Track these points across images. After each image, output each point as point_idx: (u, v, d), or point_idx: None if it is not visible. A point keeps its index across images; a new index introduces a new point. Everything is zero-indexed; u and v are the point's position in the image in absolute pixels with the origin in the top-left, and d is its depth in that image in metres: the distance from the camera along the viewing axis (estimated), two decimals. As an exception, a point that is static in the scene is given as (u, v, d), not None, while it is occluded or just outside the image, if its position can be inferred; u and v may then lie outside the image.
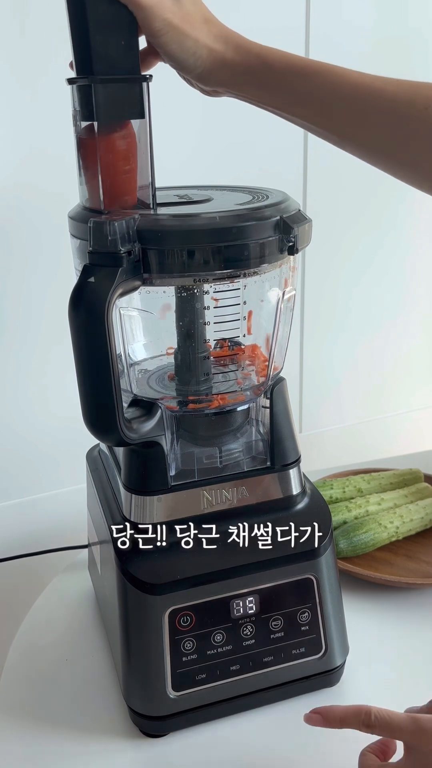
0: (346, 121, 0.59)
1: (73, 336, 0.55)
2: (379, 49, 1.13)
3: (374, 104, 0.57)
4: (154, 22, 0.56)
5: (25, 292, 1.00)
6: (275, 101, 0.60)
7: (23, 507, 1.08)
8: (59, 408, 1.05)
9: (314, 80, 0.58)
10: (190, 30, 0.57)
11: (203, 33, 0.58)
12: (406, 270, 1.33)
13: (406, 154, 0.59)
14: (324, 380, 1.32)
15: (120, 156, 0.59)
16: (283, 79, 0.58)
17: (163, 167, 0.64)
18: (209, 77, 0.60)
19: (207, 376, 0.69)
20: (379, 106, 0.57)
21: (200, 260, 0.58)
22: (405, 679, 0.73)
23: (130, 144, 0.60)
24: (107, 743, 0.66)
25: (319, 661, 0.69)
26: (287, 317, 0.69)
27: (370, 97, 0.57)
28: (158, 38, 0.57)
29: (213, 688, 0.65)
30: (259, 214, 0.60)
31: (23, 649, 0.79)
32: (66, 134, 0.65)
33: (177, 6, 0.57)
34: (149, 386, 0.70)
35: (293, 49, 0.58)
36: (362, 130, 0.59)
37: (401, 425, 1.43)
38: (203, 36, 0.58)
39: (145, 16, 0.56)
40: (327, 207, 1.18)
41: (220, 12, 0.61)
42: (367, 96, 0.57)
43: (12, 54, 0.89)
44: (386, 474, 1.01)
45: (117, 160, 0.59)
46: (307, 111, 0.60)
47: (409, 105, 0.56)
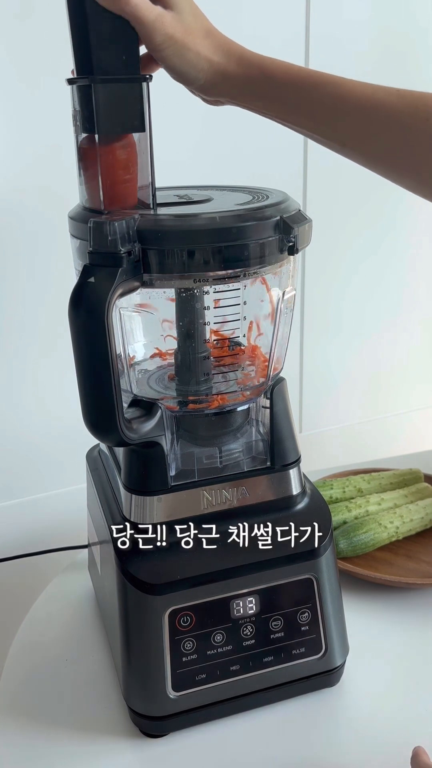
0: (348, 132, 0.59)
1: (73, 336, 0.55)
2: (379, 49, 1.13)
3: (376, 116, 0.57)
4: (156, 37, 0.56)
5: (25, 292, 1.00)
6: (277, 112, 0.61)
7: (23, 507, 1.08)
8: (59, 408, 1.05)
9: (316, 92, 0.58)
10: (192, 43, 0.58)
11: (204, 46, 0.59)
12: (405, 270, 1.33)
13: (407, 164, 0.59)
14: (324, 380, 1.32)
15: (120, 165, 0.60)
16: (285, 90, 0.59)
17: (163, 167, 0.64)
18: (211, 89, 0.61)
19: (207, 376, 0.69)
20: (381, 117, 0.57)
21: (200, 260, 0.58)
22: (405, 679, 0.73)
23: (129, 154, 0.60)
24: (107, 743, 0.66)
25: (319, 661, 0.69)
26: (287, 317, 0.69)
27: (372, 108, 0.57)
28: (160, 52, 0.58)
29: (213, 688, 0.65)
30: (259, 214, 0.60)
31: (23, 649, 0.79)
32: (66, 135, 0.65)
33: (178, 20, 0.57)
34: (149, 386, 0.70)
35: (293, 49, 0.58)
36: (364, 141, 0.59)
37: (401, 425, 1.43)
38: (204, 49, 0.59)
39: (146, 32, 0.56)
40: (327, 207, 1.18)
41: (222, 13, 0.61)
42: (369, 107, 0.57)
43: (14, 51, 0.89)
44: (386, 474, 1.01)
45: (117, 169, 0.60)
46: (309, 122, 0.60)
47: (410, 116, 0.57)
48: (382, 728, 0.67)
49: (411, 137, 0.57)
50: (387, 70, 1.14)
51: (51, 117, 0.91)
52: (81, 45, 0.57)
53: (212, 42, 0.59)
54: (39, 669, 0.75)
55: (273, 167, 1.10)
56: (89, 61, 0.56)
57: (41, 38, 0.89)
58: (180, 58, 0.58)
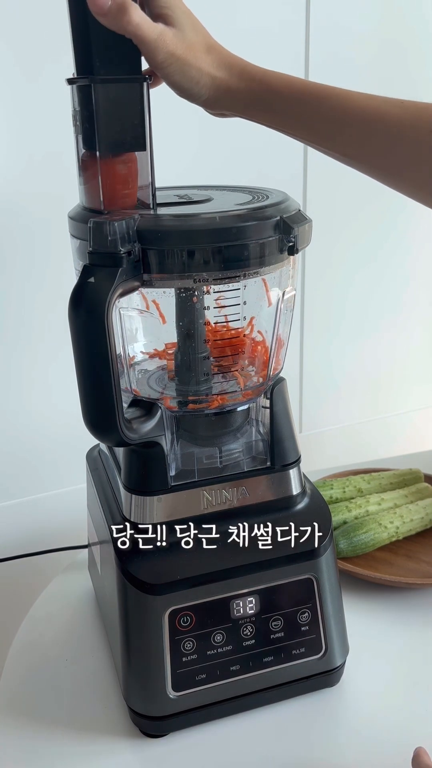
0: (351, 145, 0.60)
1: (73, 336, 0.55)
2: (380, 47, 1.13)
3: (379, 129, 0.58)
4: (158, 55, 0.57)
5: (25, 292, 1.00)
6: (280, 125, 0.61)
7: (23, 507, 1.08)
8: (59, 408, 1.05)
9: (318, 105, 0.59)
10: (194, 60, 0.58)
11: (207, 62, 0.59)
12: (406, 270, 1.33)
13: (411, 176, 0.59)
14: (324, 380, 1.32)
15: (119, 180, 0.60)
16: (288, 104, 0.59)
17: (163, 167, 0.64)
18: (215, 104, 0.61)
19: (207, 376, 0.69)
20: (384, 130, 0.57)
21: (200, 260, 0.58)
22: (405, 679, 0.73)
23: (130, 168, 0.60)
24: (107, 743, 0.66)
25: (319, 661, 0.69)
26: (287, 317, 0.69)
27: (375, 122, 0.57)
28: (162, 69, 0.58)
29: (213, 688, 0.65)
30: (259, 214, 0.60)
31: (23, 649, 0.79)
32: (66, 136, 0.65)
33: (180, 37, 0.57)
34: (149, 386, 0.70)
35: (293, 51, 0.58)
36: (367, 154, 0.59)
37: (401, 425, 1.43)
38: (207, 65, 0.59)
39: (148, 50, 0.56)
40: (327, 207, 1.18)
41: (222, 17, 0.61)
42: (372, 121, 0.58)
43: (14, 49, 0.89)
44: (386, 474, 1.01)
45: (116, 183, 0.60)
46: (312, 135, 0.61)
47: (413, 129, 0.57)
48: (382, 728, 0.67)
49: (415, 150, 0.57)
50: (387, 70, 1.14)
51: (51, 117, 0.91)
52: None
53: (214, 57, 0.59)
54: (39, 669, 0.75)
55: (273, 167, 1.10)
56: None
57: (42, 36, 0.89)
58: (183, 75, 0.58)
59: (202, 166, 1.04)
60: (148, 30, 0.55)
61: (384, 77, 1.13)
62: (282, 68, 0.61)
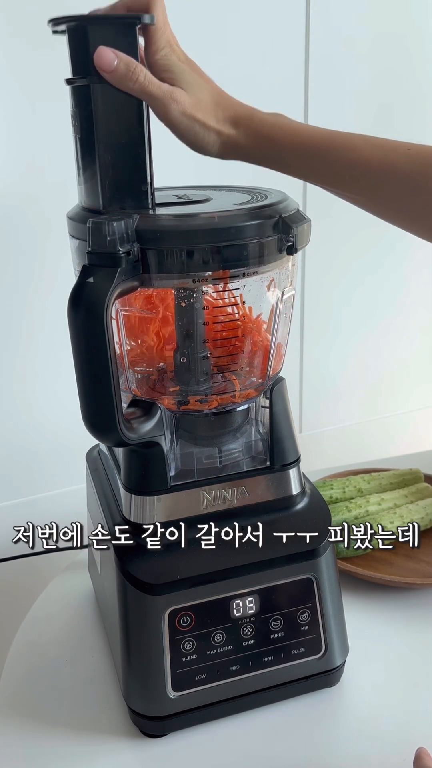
0: (359, 194, 0.61)
1: (72, 336, 0.55)
2: (379, 47, 1.13)
3: (387, 179, 0.58)
4: (168, 113, 0.58)
5: (24, 292, 1.00)
6: (289, 173, 0.62)
7: (23, 507, 1.08)
8: (59, 408, 1.05)
9: (325, 159, 0.59)
10: (202, 117, 0.59)
11: (214, 119, 0.60)
12: (405, 270, 1.33)
13: (420, 223, 0.60)
14: (324, 380, 1.32)
15: None
16: (294, 158, 0.60)
17: (162, 167, 0.64)
18: (226, 156, 0.62)
19: (206, 376, 0.69)
20: (392, 180, 0.58)
21: (199, 260, 0.58)
22: (405, 679, 0.73)
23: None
24: (107, 743, 0.66)
25: (319, 661, 0.69)
26: (286, 317, 0.69)
27: (384, 173, 0.58)
28: (174, 128, 0.59)
29: (213, 688, 0.65)
30: (258, 213, 0.60)
31: (23, 649, 0.79)
32: (66, 136, 0.65)
33: (188, 94, 0.58)
34: (149, 386, 0.70)
35: (294, 52, 0.58)
36: (376, 202, 0.61)
37: (401, 425, 1.43)
38: (214, 122, 0.60)
39: (157, 107, 0.58)
40: (327, 207, 1.18)
41: (224, 22, 0.61)
42: (381, 173, 0.58)
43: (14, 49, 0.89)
44: (386, 474, 1.01)
45: None
46: (323, 185, 0.62)
47: (422, 176, 0.57)
48: (382, 728, 0.67)
49: (422, 198, 0.57)
50: (386, 69, 1.14)
51: (51, 117, 0.91)
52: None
53: (221, 113, 0.60)
54: (38, 669, 0.75)
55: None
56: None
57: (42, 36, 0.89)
58: (193, 133, 0.59)
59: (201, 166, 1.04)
60: (155, 89, 0.57)
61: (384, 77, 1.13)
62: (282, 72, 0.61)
